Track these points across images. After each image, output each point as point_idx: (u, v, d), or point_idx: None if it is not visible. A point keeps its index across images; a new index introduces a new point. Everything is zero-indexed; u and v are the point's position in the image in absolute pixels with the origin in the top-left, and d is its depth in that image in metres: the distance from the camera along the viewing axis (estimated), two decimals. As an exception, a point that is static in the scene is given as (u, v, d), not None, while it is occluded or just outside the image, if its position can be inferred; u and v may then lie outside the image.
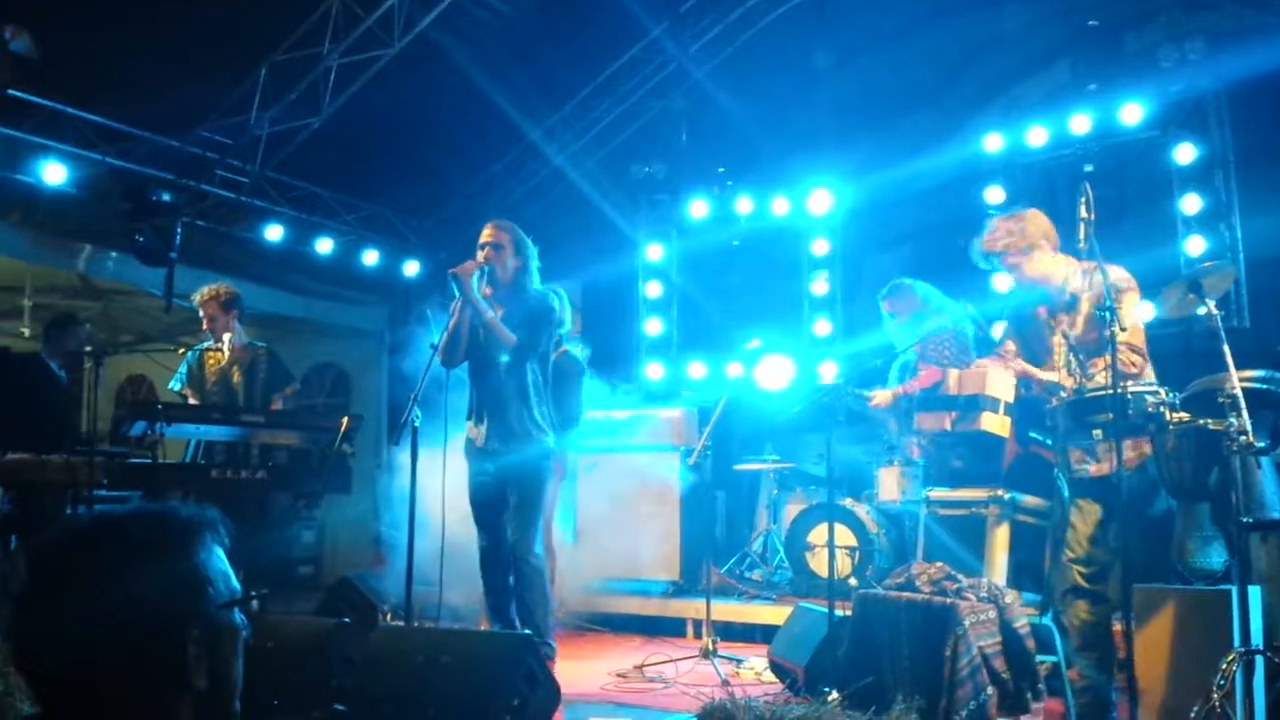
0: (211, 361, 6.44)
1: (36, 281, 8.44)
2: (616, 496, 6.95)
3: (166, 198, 7.14)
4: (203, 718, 1.37)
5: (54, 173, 6.83)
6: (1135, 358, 4.00)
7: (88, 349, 5.70)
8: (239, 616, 1.44)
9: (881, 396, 5.98)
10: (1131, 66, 7.20)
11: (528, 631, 4.50)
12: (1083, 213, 3.76)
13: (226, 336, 6.45)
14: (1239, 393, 3.32)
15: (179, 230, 7.12)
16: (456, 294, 4.77)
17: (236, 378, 6.43)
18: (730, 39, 8.33)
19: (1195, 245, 6.85)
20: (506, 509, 4.99)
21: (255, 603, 1.53)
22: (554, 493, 6.02)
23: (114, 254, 7.55)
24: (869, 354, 6.63)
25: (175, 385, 6.48)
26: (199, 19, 6.56)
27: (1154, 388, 3.71)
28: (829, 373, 7.92)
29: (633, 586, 6.94)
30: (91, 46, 6.54)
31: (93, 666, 1.29)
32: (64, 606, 1.30)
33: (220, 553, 1.44)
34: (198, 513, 1.44)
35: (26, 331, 8.26)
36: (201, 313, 6.43)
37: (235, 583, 1.44)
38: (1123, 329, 3.78)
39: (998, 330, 7.23)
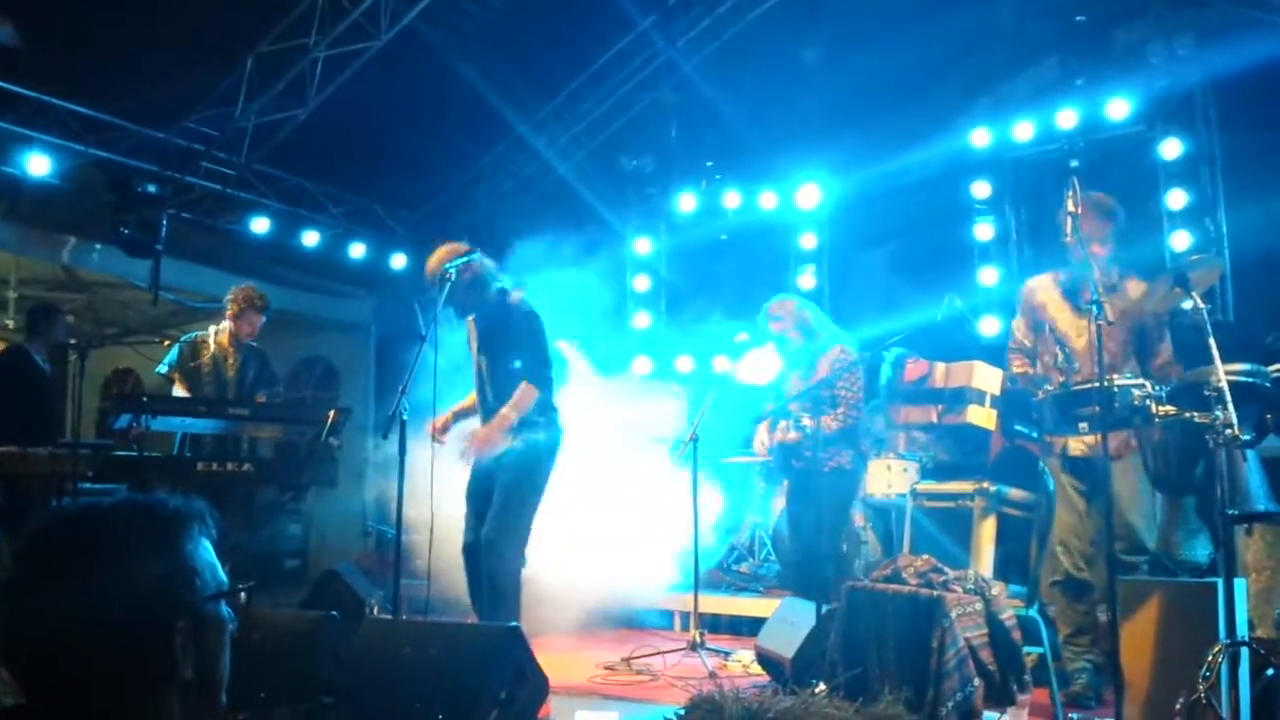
0: (204, 353, 6.43)
1: (21, 273, 8.40)
2: (604, 489, 6.94)
3: (152, 189, 7.10)
4: (189, 710, 1.35)
5: (38, 164, 6.78)
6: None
7: (72, 341, 5.68)
8: (226, 609, 1.42)
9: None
10: (1119, 62, 7.21)
11: (516, 624, 4.48)
12: (1070, 206, 3.76)
13: (219, 328, 6.45)
14: (1225, 386, 3.32)
15: (164, 222, 7.08)
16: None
17: (230, 372, 6.43)
18: (719, 32, 8.28)
19: (1180, 240, 6.88)
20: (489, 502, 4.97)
21: (242, 595, 1.49)
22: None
23: (99, 246, 7.50)
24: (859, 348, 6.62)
25: (163, 369, 6.46)
26: (185, 10, 6.51)
27: (1140, 381, 3.71)
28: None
29: (620, 580, 6.94)
30: (76, 37, 6.49)
31: (78, 657, 1.27)
32: (50, 596, 1.28)
33: (208, 544, 1.42)
34: (185, 504, 1.42)
35: (11, 323, 8.22)
36: (233, 309, 6.43)
37: (223, 575, 1.43)
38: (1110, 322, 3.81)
39: (986, 325, 7.29)
